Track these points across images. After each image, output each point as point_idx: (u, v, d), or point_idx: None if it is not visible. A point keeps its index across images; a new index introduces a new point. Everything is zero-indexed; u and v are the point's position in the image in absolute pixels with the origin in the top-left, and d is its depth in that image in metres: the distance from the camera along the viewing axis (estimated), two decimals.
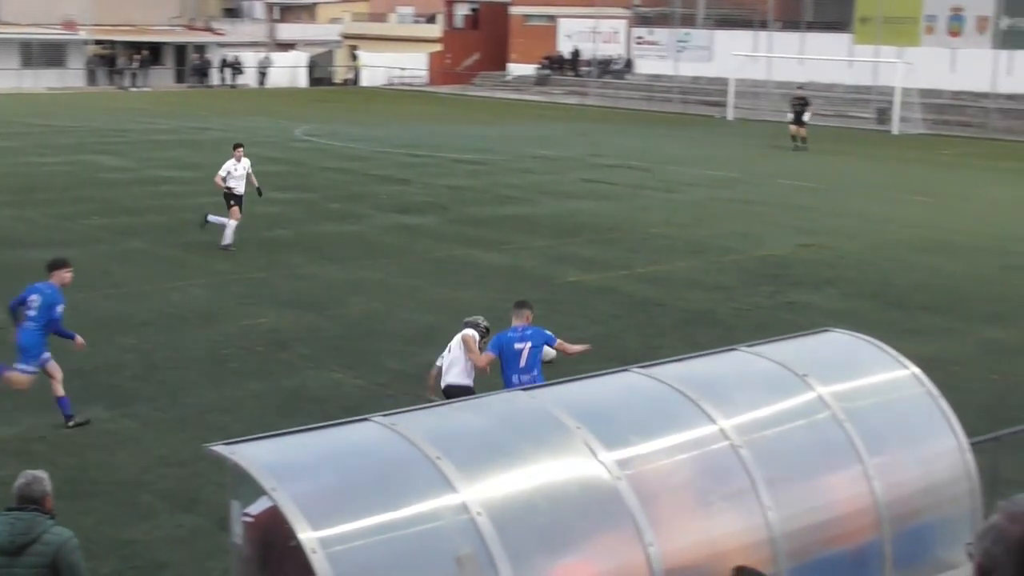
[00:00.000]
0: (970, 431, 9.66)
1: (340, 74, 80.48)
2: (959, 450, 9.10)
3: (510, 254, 24.46)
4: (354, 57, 79.82)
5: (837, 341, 9.87)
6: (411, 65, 77.28)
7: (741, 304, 20.69)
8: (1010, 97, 54.00)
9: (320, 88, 75.00)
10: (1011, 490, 11.31)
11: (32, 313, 13.90)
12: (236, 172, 24.76)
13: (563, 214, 29.37)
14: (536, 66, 73.19)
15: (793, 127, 45.73)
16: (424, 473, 7.03)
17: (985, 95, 53.88)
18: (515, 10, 76.83)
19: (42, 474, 7.78)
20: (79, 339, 14.35)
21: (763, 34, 61.97)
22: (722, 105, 58.20)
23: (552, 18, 74.25)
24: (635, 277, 22.68)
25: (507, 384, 12.44)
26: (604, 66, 70.22)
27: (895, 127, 52.03)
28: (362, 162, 38.70)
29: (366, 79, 77.56)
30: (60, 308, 13.97)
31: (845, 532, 8.47)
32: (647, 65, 68.69)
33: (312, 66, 78.17)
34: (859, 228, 28.15)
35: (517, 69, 74.65)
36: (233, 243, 24.14)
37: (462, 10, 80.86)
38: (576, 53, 72.19)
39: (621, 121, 55.44)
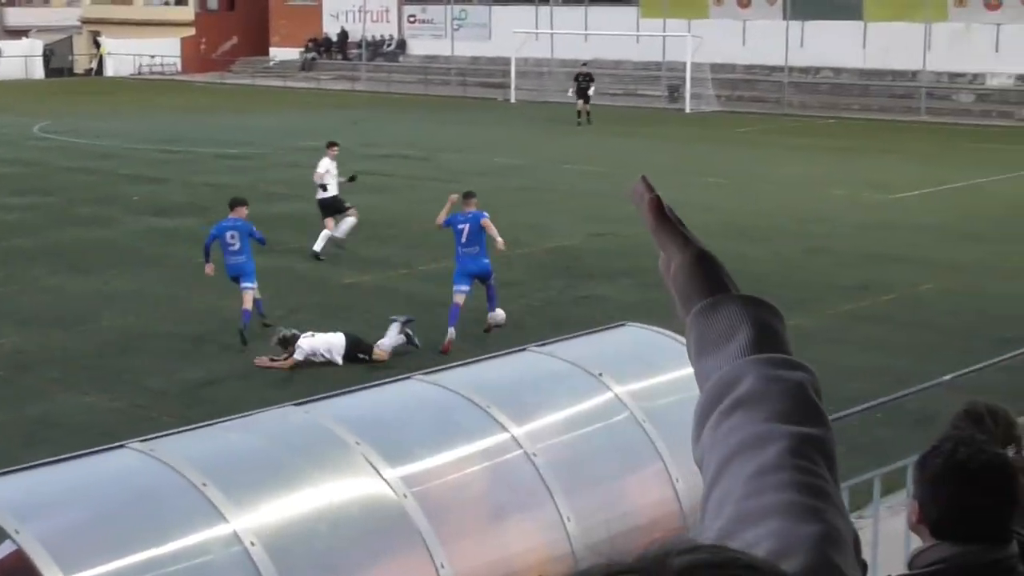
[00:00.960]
0: None
1: (81, 63, 78.45)
2: None
3: (280, 256, 24.20)
4: (97, 44, 77.87)
5: (633, 336, 10.04)
6: (162, 52, 75.80)
7: (532, 300, 20.91)
8: (803, 70, 55.83)
9: (59, 80, 72.96)
10: None
11: (236, 246, 19.12)
12: (333, 172, 25.21)
13: None
14: (301, 50, 72.64)
15: (580, 103, 47.11)
16: (189, 502, 6.90)
17: (778, 69, 55.60)
18: None
19: None
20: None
21: (545, 9, 62.72)
22: (504, 87, 58.72)
23: None
24: (417, 276, 22.71)
25: (456, 256, 18.96)
26: (375, 48, 70.10)
27: (687, 105, 53.31)
28: (110, 160, 37.80)
29: (111, 68, 75.76)
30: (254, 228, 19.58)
31: (651, 538, 8.61)
32: (421, 46, 68.83)
33: (49, 55, 75.96)
34: None
35: (280, 54, 73.96)
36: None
37: None
38: (344, 35, 71.89)
39: (395, 107, 55.43)
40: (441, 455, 8.03)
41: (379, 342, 17.98)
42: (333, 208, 25.00)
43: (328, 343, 17.65)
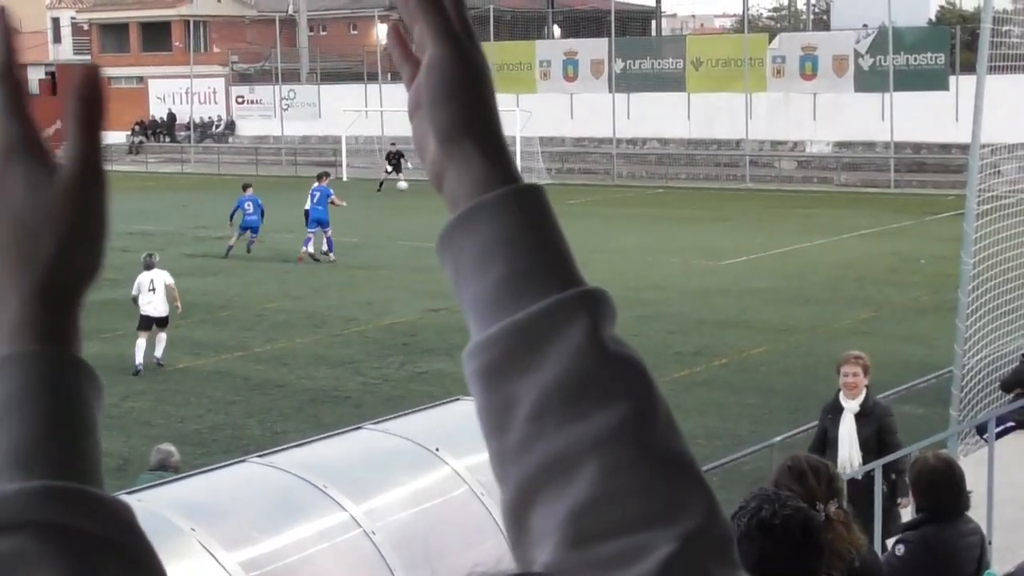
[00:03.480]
0: None
1: None
2: None
3: (111, 343, 23.79)
4: None
5: (468, 409, 10.03)
6: None
7: (369, 378, 20.84)
8: (631, 142, 56.82)
9: None
10: None
11: (251, 211, 34.97)
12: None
13: None
14: (127, 133, 71.85)
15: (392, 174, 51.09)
16: None
17: (607, 140, 56.48)
18: None
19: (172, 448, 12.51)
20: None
21: (373, 87, 62.94)
22: (335, 165, 58.68)
23: (141, 79, 73.14)
24: (252, 358, 22.49)
25: (310, 211, 34.76)
26: (203, 129, 69.66)
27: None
28: None
29: None
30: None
31: None
32: (250, 126, 68.60)
33: None
34: None
35: (106, 137, 72.86)
36: None
37: (37, 74, 78.50)
38: (171, 116, 71.32)
39: (226, 188, 54.90)
40: (280, 537, 7.93)
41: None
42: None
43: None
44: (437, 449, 8.91)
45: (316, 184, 35.86)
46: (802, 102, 53.08)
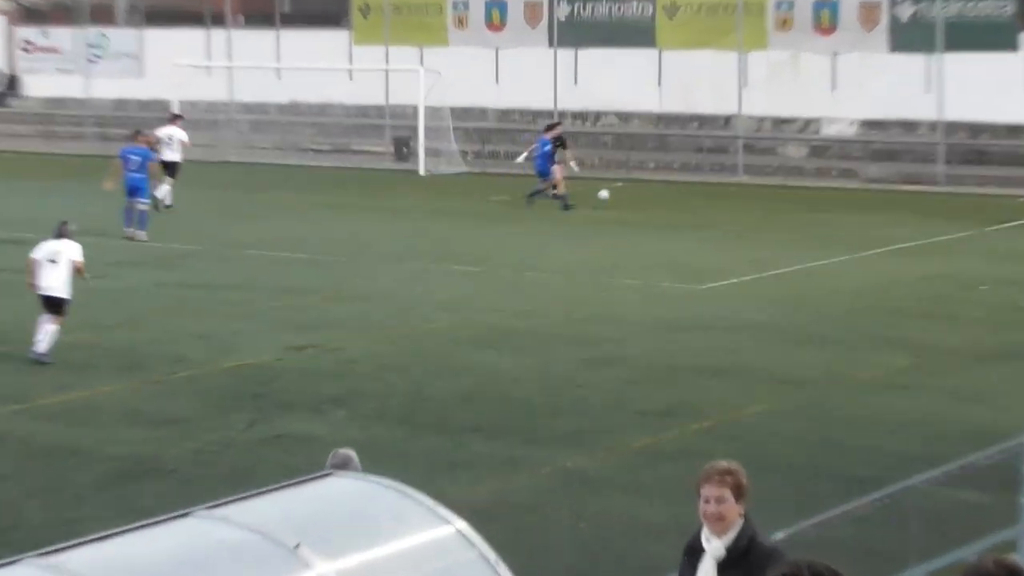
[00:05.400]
0: None
1: None
2: None
3: None
4: None
5: (345, 490, 9.97)
6: None
7: (202, 442, 20.65)
8: (579, 116, 56.85)
9: None
10: None
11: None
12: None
13: None
14: None
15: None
16: None
17: (545, 114, 56.35)
18: None
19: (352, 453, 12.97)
20: None
21: (220, 34, 62.76)
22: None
23: None
24: (36, 413, 22.25)
25: (125, 179, 39.05)
26: None
27: (421, 165, 53.70)
28: None
29: None
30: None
31: None
32: (43, 84, 68.14)
33: None
34: (378, 317, 28.78)
35: None
36: None
37: None
38: None
39: (2, 171, 54.59)
40: None
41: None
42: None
43: None
44: (297, 546, 8.78)
45: (131, 145, 40.19)
46: (817, 65, 53.41)
